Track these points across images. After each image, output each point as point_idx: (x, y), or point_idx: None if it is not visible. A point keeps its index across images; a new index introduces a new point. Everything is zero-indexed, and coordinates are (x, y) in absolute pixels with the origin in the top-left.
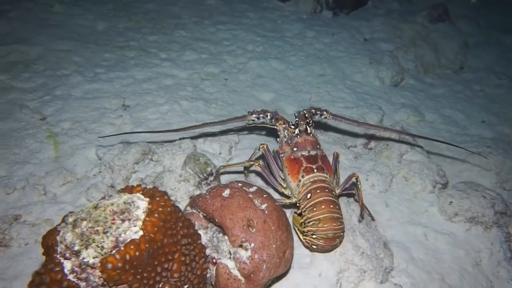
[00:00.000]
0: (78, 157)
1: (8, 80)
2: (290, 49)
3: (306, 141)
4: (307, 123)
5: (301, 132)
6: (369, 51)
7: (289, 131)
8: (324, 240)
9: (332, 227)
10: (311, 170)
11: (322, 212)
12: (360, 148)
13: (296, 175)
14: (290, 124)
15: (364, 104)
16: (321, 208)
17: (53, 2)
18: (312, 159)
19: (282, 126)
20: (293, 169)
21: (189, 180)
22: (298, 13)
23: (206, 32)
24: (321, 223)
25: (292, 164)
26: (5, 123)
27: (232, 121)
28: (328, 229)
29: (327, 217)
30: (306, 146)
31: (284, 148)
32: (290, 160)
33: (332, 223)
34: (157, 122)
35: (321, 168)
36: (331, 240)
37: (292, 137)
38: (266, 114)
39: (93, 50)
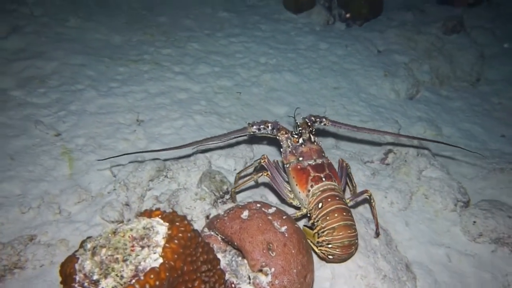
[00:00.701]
0: (93, 174)
1: (24, 96)
2: (304, 61)
3: (311, 150)
4: (310, 132)
5: (305, 141)
6: (383, 63)
7: (292, 140)
8: (341, 249)
9: (347, 234)
10: (320, 179)
11: (336, 220)
12: (377, 164)
13: (305, 185)
14: (293, 134)
15: (380, 118)
16: (334, 217)
17: (68, 16)
18: (319, 168)
19: (284, 136)
20: (301, 179)
21: (205, 198)
22: (311, 25)
23: (219, 45)
24: (336, 232)
25: (299, 174)
26: (20, 139)
27: (233, 134)
28: (343, 237)
29: (341, 225)
30: (312, 155)
31: (289, 158)
32: (297, 170)
33: (347, 231)
34: (171, 138)
35: (329, 176)
36: (347, 248)
37: (296, 146)
38: (266, 125)
39: (107, 64)
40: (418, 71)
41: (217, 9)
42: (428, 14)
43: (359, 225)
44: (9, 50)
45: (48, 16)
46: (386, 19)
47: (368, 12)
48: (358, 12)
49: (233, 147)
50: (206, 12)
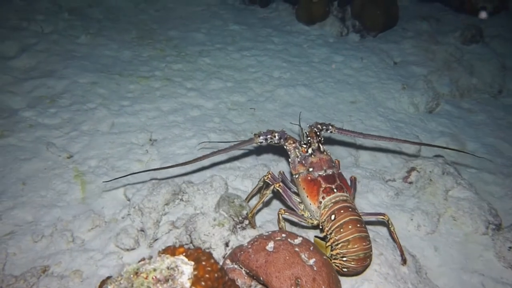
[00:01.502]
0: (106, 198)
1: (35, 117)
2: (318, 75)
3: (321, 160)
4: (319, 141)
5: (314, 151)
6: (400, 76)
7: (300, 150)
8: (356, 262)
9: (363, 247)
10: (331, 190)
11: (350, 232)
12: (400, 182)
13: (316, 196)
14: (301, 143)
15: (400, 133)
16: (348, 229)
17: (79, 33)
18: (330, 179)
19: (292, 145)
20: (311, 191)
21: (223, 224)
22: (324, 37)
23: (231, 59)
24: (350, 244)
25: (310, 186)
26: (32, 163)
27: (240, 145)
28: (358, 250)
29: (356, 237)
30: (322, 165)
31: (298, 168)
32: (307, 181)
33: (362, 243)
34: (186, 157)
35: (340, 187)
36: (362, 261)
37: (305, 157)
38: (273, 135)
39: (118, 81)
40: (437, 83)
41: (228, 22)
42: (444, 23)
43: (386, 251)
44: (20, 69)
45: (58, 33)
46: (401, 30)
47: (383, 23)
48: (373, 22)
49: (250, 168)
50: (216, 25)
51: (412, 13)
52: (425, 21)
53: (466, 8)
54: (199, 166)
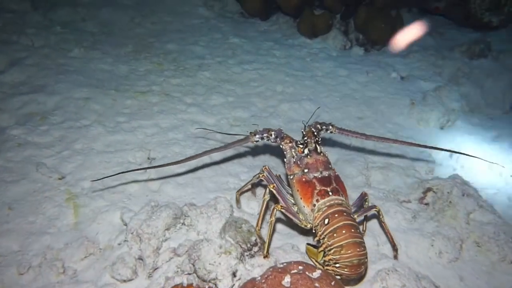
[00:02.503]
0: (101, 223)
1: (24, 135)
2: (323, 89)
3: (317, 161)
4: (316, 142)
5: (310, 151)
6: (408, 91)
7: (296, 150)
8: (349, 268)
9: (357, 252)
10: (326, 193)
11: (344, 237)
12: (415, 204)
13: (310, 199)
14: (298, 143)
15: (411, 151)
16: (342, 233)
17: (71, 47)
18: (325, 181)
19: (288, 145)
20: (306, 193)
21: (230, 252)
22: (327, 50)
23: (232, 73)
24: (343, 250)
25: (304, 188)
26: (20, 185)
27: (235, 144)
28: (352, 256)
29: (349, 243)
30: (318, 166)
31: (293, 169)
32: (302, 183)
33: (356, 249)
34: (187, 177)
35: (336, 190)
36: (356, 268)
37: (301, 157)
38: (270, 133)
39: (114, 96)
40: (447, 98)
41: (227, 35)
42: (448, 37)
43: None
44: (8, 84)
45: (50, 47)
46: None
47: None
48: (378, 35)
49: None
50: (216, 38)
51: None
52: (429, 35)
53: (471, 22)
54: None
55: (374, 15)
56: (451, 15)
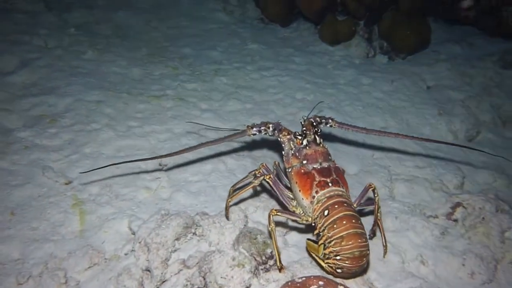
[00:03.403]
0: (108, 231)
1: (31, 137)
2: (345, 97)
3: (316, 152)
4: (315, 133)
5: (309, 142)
6: (436, 100)
7: (295, 142)
8: (351, 260)
9: (358, 244)
10: (326, 184)
11: (344, 228)
12: (443, 219)
13: (309, 191)
14: (296, 135)
15: (438, 163)
16: (342, 224)
17: (85, 49)
18: (325, 172)
19: (286, 137)
20: (304, 184)
21: (244, 265)
22: (349, 58)
23: (250, 79)
24: (344, 241)
25: (303, 179)
26: (25, 189)
27: (232, 137)
28: (353, 247)
29: (350, 233)
30: (317, 157)
31: (291, 161)
32: (300, 174)
33: (357, 240)
34: (200, 185)
35: (336, 181)
36: (358, 260)
37: (300, 149)
38: (267, 126)
39: (126, 100)
40: (477, 109)
41: (246, 40)
42: (478, 47)
43: None
44: (18, 85)
45: (63, 48)
46: (432, 52)
47: (413, 44)
48: (403, 43)
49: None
50: (234, 43)
51: (443, 37)
52: (458, 44)
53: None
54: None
55: (399, 22)
56: (480, 24)
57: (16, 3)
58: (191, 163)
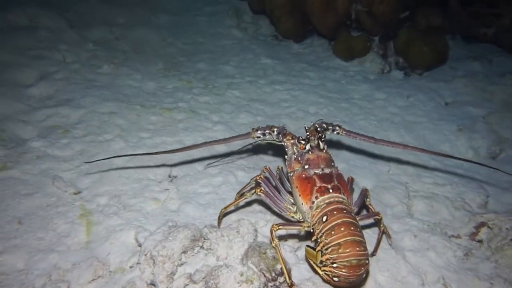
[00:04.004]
0: (114, 242)
1: (44, 147)
2: (359, 112)
3: (318, 157)
4: (319, 138)
5: (312, 147)
6: (455, 116)
7: (298, 147)
8: (348, 269)
9: (356, 252)
10: (326, 190)
11: (342, 235)
12: (466, 240)
13: (309, 196)
14: (300, 139)
15: (459, 181)
16: (340, 231)
17: (101, 63)
18: (326, 178)
19: (290, 141)
20: (305, 189)
21: (252, 281)
22: (363, 73)
23: (262, 93)
24: (341, 248)
25: (303, 184)
26: (34, 199)
27: (236, 139)
28: (350, 255)
29: (348, 241)
30: (319, 163)
31: (293, 166)
32: (301, 179)
33: (355, 248)
34: (209, 197)
35: (337, 188)
36: (355, 269)
37: (302, 153)
38: (272, 130)
39: (139, 112)
40: (498, 126)
41: (259, 56)
42: (498, 64)
43: None
44: (35, 98)
45: (80, 62)
46: (450, 69)
47: (430, 60)
48: (420, 59)
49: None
50: (247, 58)
51: (460, 53)
52: (477, 61)
53: None
54: None
55: (416, 38)
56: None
57: (40, 21)
58: (201, 174)
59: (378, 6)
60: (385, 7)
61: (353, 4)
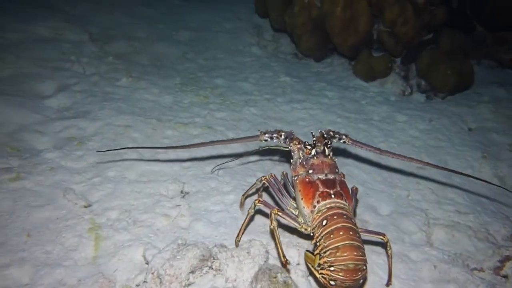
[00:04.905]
0: (122, 259)
1: (58, 159)
2: (378, 134)
3: (323, 163)
4: (325, 144)
5: (318, 153)
6: (479, 143)
7: (304, 152)
8: (344, 273)
9: (353, 256)
10: (328, 195)
11: (341, 239)
12: (490, 274)
13: (311, 200)
14: (306, 145)
15: (483, 210)
16: (339, 235)
17: (120, 76)
18: (329, 184)
19: (296, 146)
20: (307, 193)
21: None
22: (384, 95)
23: (280, 110)
24: (339, 252)
25: (306, 188)
26: (44, 211)
27: (244, 140)
28: (348, 259)
29: (346, 245)
30: (323, 168)
31: (298, 170)
32: (305, 183)
33: (352, 252)
34: (221, 216)
35: (339, 194)
36: (352, 273)
37: (307, 158)
38: (280, 134)
39: (155, 126)
40: None
41: (279, 73)
42: None
43: None
44: (53, 109)
45: (100, 75)
46: (474, 94)
47: (454, 84)
48: (443, 83)
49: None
50: (266, 76)
51: (486, 79)
52: (502, 87)
53: None
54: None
55: (440, 61)
56: None
57: (64, 34)
58: (214, 191)
59: (401, 27)
60: (408, 28)
61: (375, 24)
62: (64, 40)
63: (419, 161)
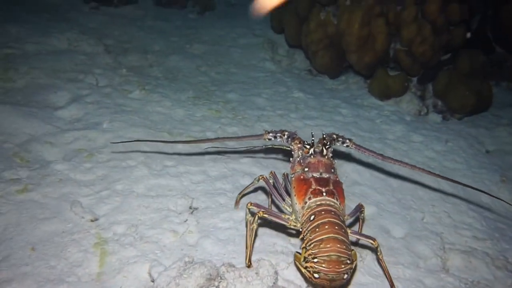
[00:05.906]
0: (127, 276)
1: (67, 171)
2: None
3: (319, 162)
4: (324, 145)
5: (315, 152)
6: (496, 166)
7: (303, 151)
8: (327, 263)
9: (336, 248)
10: (320, 192)
11: (325, 232)
12: None
13: (303, 196)
14: (305, 144)
15: (501, 237)
16: (324, 228)
17: (133, 88)
18: (322, 182)
19: (297, 145)
20: (300, 189)
21: None
22: (399, 114)
23: (292, 127)
24: (323, 243)
25: (300, 184)
26: (50, 224)
27: (249, 138)
28: (331, 250)
29: (330, 238)
30: (319, 167)
31: (295, 168)
32: (299, 180)
33: (336, 244)
34: (229, 233)
35: (331, 192)
36: (334, 264)
37: (305, 157)
38: (283, 134)
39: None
40: None
41: (292, 89)
42: None
43: None
44: (65, 120)
45: (112, 86)
46: (492, 116)
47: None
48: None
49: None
50: (279, 91)
51: (505, 101)
52: None
53: None
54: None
55: (458, 82)
56: None
57: (79, 46)
58: (223, 207)
59: (418, 46)
60: (426, 48)
61: (392, 43)
62: (78, 52)
63: (422, 169)
